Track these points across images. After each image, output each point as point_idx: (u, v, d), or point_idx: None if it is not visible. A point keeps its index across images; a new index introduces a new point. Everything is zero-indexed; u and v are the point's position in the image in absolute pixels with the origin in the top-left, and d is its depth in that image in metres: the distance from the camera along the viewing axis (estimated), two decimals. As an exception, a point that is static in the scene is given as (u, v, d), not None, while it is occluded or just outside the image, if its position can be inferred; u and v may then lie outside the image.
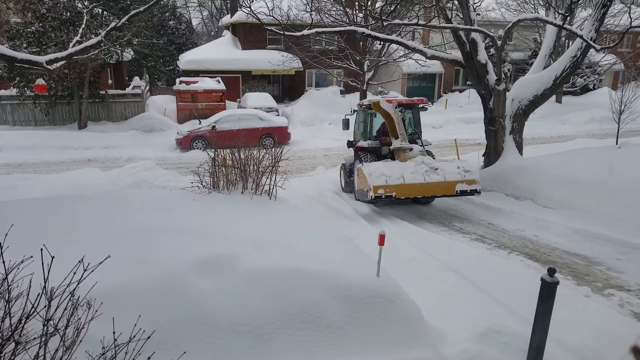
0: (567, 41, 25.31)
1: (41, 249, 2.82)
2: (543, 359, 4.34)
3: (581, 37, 10.51)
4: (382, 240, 5.22)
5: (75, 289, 2.90)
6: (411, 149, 10.98)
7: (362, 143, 12.29)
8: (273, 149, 7.99)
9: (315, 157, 18.78)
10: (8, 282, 2.78)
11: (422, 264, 7.74)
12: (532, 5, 25.24)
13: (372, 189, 9.78)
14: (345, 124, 13.75)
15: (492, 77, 11.85)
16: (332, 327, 4.41)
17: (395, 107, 11.07)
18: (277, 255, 4.90)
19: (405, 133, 11.15)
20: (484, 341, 4.84)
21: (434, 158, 11.27)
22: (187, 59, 29.90)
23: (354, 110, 13.72)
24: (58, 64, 9.12)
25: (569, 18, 14.07)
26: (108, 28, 9.32)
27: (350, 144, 13.67)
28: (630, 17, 10.60)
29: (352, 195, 12.50)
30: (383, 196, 9.83)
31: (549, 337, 4.32)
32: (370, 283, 4.84)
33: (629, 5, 15.43)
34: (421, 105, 12.33)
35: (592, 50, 10.92)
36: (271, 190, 7.48)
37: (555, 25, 11.65)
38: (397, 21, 13.12)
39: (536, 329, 4.21)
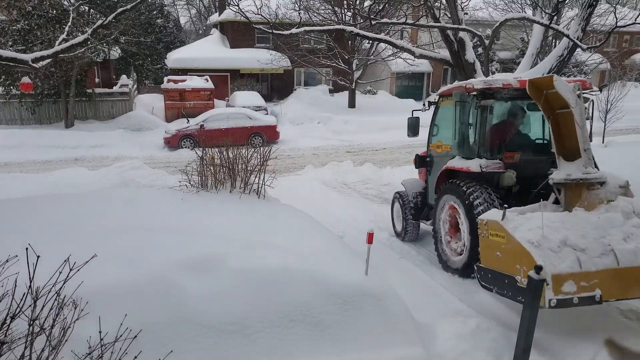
0: (554, 40, 25.52)
1: (26, 249, 2.79)
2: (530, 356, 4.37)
3: (568, 36, 10.58)
4: (370, 238, 5.23)
5: (61, 288, 2.87)
6: (603, 183, 5.72)
7: (466, 164, 6.93)
8: (262, 148, 7.96)
9: (304, 156, 18.77)
10: (-7, 282, 2.76)
11: (410, 261, 7.78)
12: (519, 5, 25.41)
13: (550, 283, 4.63)
14: (413, 127, 8.73)
15: (480, 77, 11.90)
16: (321, 325, 4.41)
17: (578, 90, 5.72)
18: (266, 254, 4.89)
19: (591, 148, 5.87)
20: (471, 339, 4.87)
21: None
22: (175, 57, 29.76)
23: (430, 104, 8.46)
24: (44, 62, 9.02)
25: (555, 17, 14.19)
26: (95, 26, 9.23)
27: (421, 161, 8.66)
28: (615, 17, 10.70)
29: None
30: (575, 299, 4.70)
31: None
32: (359, 281, 4.84)
33: (614, 5, 15.59)
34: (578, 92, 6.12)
35: (578, 49, 11.00)
36: (260, 189, 7.46)
37: (542, 24, 11.73)
38: (385, 20, 13.15)
39: (523, 326, 4.23)
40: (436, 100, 8.33)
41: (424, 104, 8.53)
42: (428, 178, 8.56)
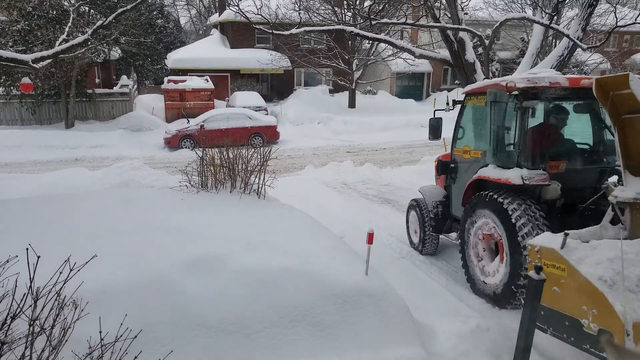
0: (554, 40, 25.54)
1: (27, 249, 2.79)
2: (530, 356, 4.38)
3: (568, 36, 10.59)
4: (370, 239, 5.23)
5: (61, 288, 2.87)
6: None
7: (504, 174, 5.99)
8: (262, 148, 7.97)
9: (304, 156, 18.78)
10: (-7, 282, 2.76)
11: (410, 261, 7.78)
12: (519, 5, 25.41)
13: (630, 334, 3.63)
14: (435, 129, 7.79)
15: (480, 76, 11.90)
16: (321, 325, 4.41)
17: None
18: (266, 255, 4.89)
19: None
20: (471, 339, 4.87)
21: None
22: (175, 57, 29.79)
23: (456, 103, 7.70)
24: (44, 63, 9.03)
25: (555, 17, 14.20)
26: (95, 26, 9.23)
27: (444, 167, 7.75)
28: (616, 17, 10.70)
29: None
30: None
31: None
32: (359, 282, 4.84)
33: (614, 5, 15.60)
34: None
35: (578, 49, 11.01)
36: (260, 189, 7.47)
37: (542, 24, 11.73)
38: (385, 20, 13.15)
39: (523, 327, 4.24)
40: (462, 99, 7.36)
41: (449, 103, 7.70)
42: (452, 186, 7.64)
